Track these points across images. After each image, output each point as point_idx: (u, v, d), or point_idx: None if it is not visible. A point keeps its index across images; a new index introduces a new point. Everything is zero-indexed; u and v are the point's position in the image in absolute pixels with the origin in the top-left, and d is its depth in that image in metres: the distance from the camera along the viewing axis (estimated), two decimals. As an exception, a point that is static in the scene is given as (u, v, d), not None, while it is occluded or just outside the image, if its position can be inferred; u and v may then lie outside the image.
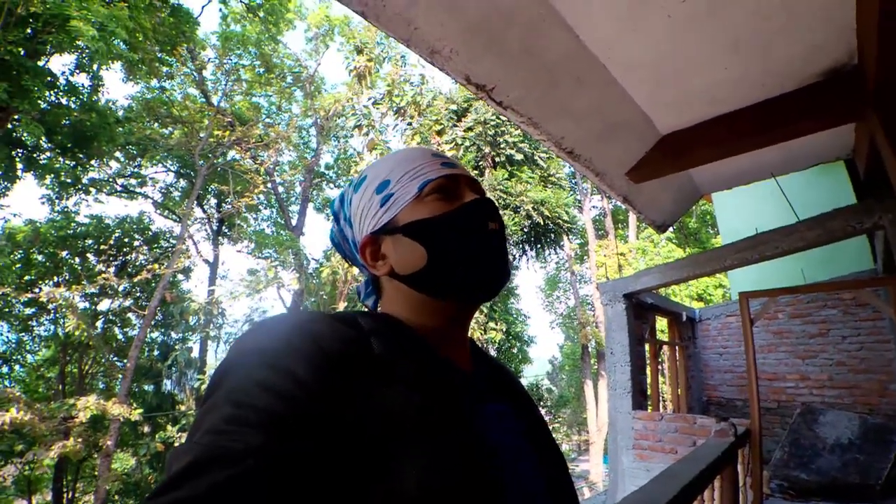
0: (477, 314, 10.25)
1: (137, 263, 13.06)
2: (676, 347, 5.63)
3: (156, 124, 13.56)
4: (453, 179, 0.59)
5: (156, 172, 15.72)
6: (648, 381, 4.55)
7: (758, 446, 2.85)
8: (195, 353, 15.58)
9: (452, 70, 1.59)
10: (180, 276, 14.35)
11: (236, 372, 0.42)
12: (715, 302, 12.21)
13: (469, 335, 0.64)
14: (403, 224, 0.57)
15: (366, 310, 0.63)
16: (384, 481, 0.41)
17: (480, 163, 12.43)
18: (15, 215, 11.78)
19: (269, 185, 15.10)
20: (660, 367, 7.64)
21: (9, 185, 11.18)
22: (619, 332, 4.06)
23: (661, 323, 7.06)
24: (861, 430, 4.02)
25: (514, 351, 13.77)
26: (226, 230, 16.76)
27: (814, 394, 5.02)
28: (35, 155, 11.16)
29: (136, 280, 11.16)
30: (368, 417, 0.43)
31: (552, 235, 12.92)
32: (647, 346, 4.65)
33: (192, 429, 0.39)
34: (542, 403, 20.12)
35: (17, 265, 10.73)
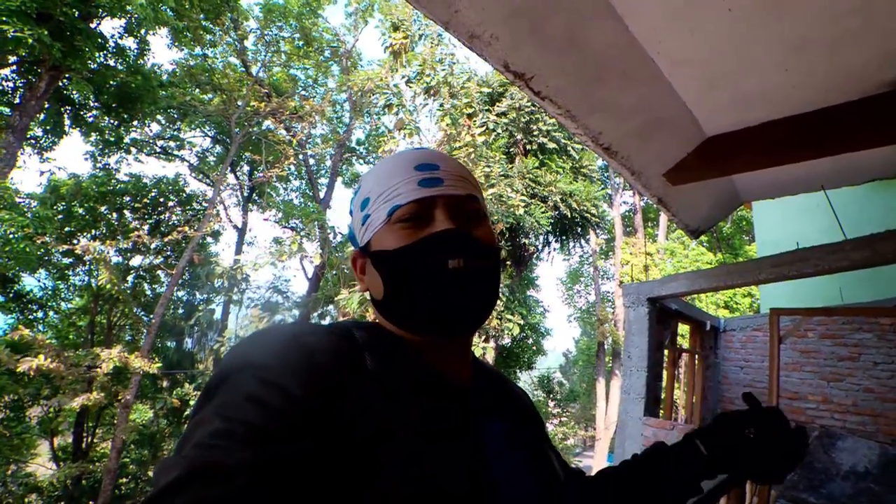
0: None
1: (170, 223, 13.49)
2: (696, 356, 5.48)
3: (196, 90, 13.84)
4: (426, 203, 0.54)
5: (193, 137, 16.13)
6: (663, 387, 4.45)
7: (773, 467, 2.76)
8: (217, 315, 16.17)
9: (491, 56, 1.53)
10: (209, 239, 14.79)
11: (227, 385, 0.41)
12: (742, 311, 11.82)
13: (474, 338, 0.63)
14: (373, 251, 0.56)
15: (369, 307, 0.62)
16: (376, 494, 0.41)
17: (511, 149, 12.22)
18: (60, 168, 12.30)
19: (300, 156, 15.26)
20: (677, 373, 7.49)
21: (56, 139, 11.66)
22: (638, 336, 3.97)
23: (683, 329, 6.88)
24: (880, 461, 3.85)
25: (529, 342, 13.74)
26: (256, 198, 17.12)
27: (835, 418, 4.83)
28: (82, 112, 11.59)
29: (167, 239, 11.54)
30: (361, 431, 0.43)
31: (578, 228, 12.68)
32: (665, 352, 4.54)
33: (181, 440, 0.39)
34: (552, 396, 20.13)
35: (59, 216, 11.22)
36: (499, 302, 10.32)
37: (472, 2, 1.36)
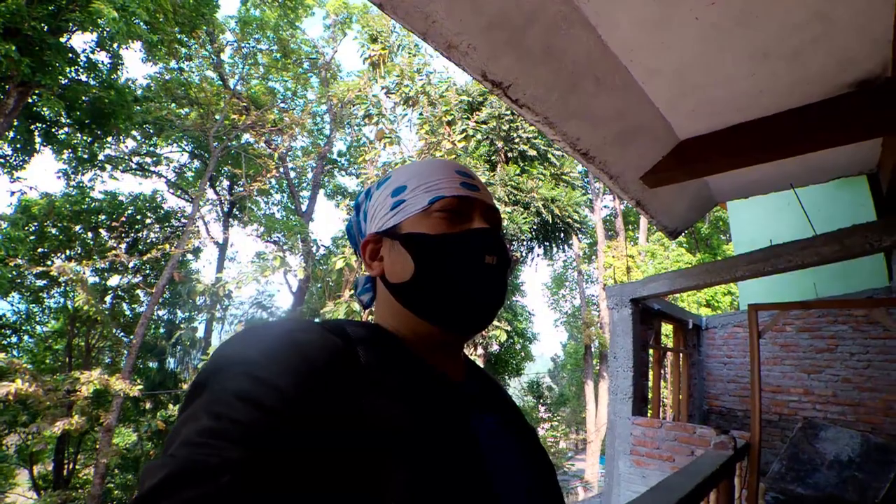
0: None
1: (148, 241, 13.21)
2: (680, 354, 5.58)
3: (173, 105, 13.63)
4: (467, 202, 0.58)
5: (170, 152, 15.85)
6: (650, 385, 4.52)
7: (757, 459, 2.82)
8: (200, 333, 15.79)
9: (469, 66, 1.56)
10: (189, 256, 14.50)
11: (217, 381, 0.40)
12: (723, 309, 12.08)
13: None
14: (404, 233, 0.57)
15: (356, 318, 0.63)
16: (370, 492, 0.40)
17: (493, 157, 12.34)
18: (31, 188, 11.95)
19: (281, 169, 15.15)
20: (662, 372, 7.60)
21: (27, 158, 11.31)
22: (623, 336, 4.03)
23: (667, 328, 7.00)
24: (862, 448, 3.97)
25: (517, 347, 13.77)
26: (237, 213, 16.87)
27: (817, 409, 4.96)
28: (53, 130, 11.29)
29: (145, 257, 11.29)
30: (353, 428, 0.42)
31: (561, 234, 12.83)
32: (650, 352, 4.61)
33: (169, 438, 0.38)
34: (541, 401, 20.16)
35: (32, 237, 10.90)
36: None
37: (450, 13, 1.39)
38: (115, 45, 10.25)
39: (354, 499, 0.40)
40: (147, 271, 13.25)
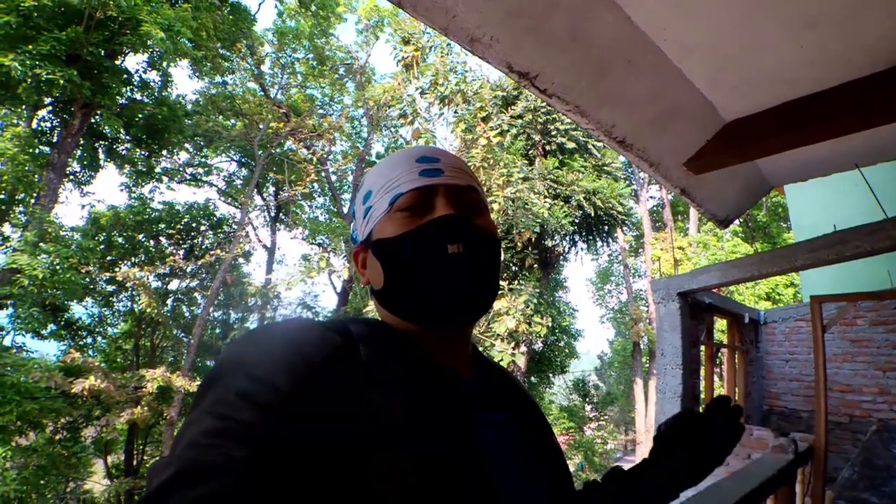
0: (522, 306, 10.08)
1: (203, 247, 14.00)
2: (736, 351, 5.26)
3: (220, 117, 14.39)
4: (427, 191, 0.55)
5: (220, 162, 16.73)
6: (703, 385, 4.28)
7: (822, 464, 2.60)
8: (252, 333, 16.53)
9: (493, 58, 1.52)
10: (241, 260, 15.25)
11: (220, 383, 0.41)
12: (785, 302, 11.29)
13: (473, 337, 0.62)
14: (374, 240, 0.56)
15: (360, 316, 0.62)
16: (370, 488, 0.40)
17: (531, 151, 12.13)
18: (99, 201, 13.02)
19: (322, 173, 15.59)
20: (717, 369, 7.20)
21: (93, 173, 12.33)
22: (671, 332, 3.84)
23: (721, 323, 6.62)
24: (949, 454, 3.58)
25: (561, 345, 13.50)
26: (282, 217, 17.56)
27: (894, 410, 4.53)
28: (115, 146, 12.24)
29: (201, 262, 11.97)
30: (354, 425, 0.42)
31: (605, 227, 12.44)
32: (702, 348, 4.37)
33: (175, 440, 0.39)
34: (588, 400, 19.67)
35: (101, 246, 11.81)
36: (528, 306, 10.18)
37: (470, 6, 1.36)
38: (164, 64, 10.94)
39: (354, 494, 0.40)
40: (203, 275, 14.05)
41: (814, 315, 2.93)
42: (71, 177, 12.00)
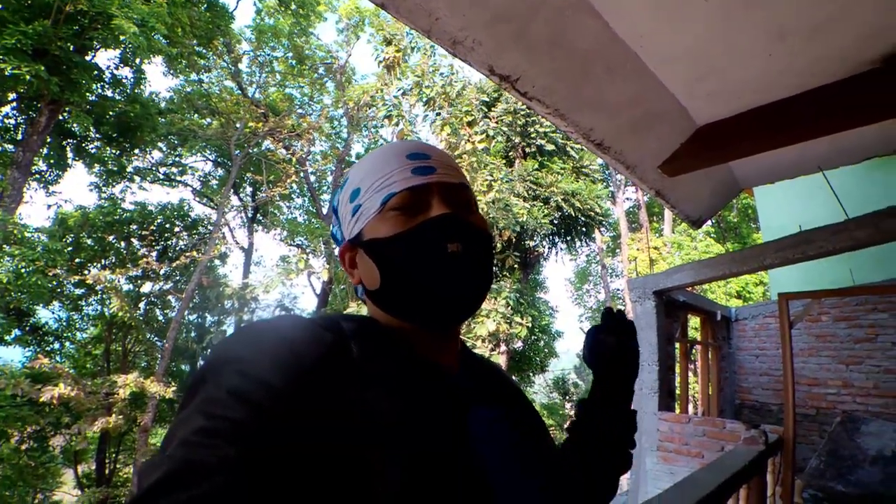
0: (502, 307, 10.18)
1: (177, 248, 13.62)
2: (709, 347, 5.42)
3: (195, 115, 14.03)
4: (421, 190, 0.54)
5: (195, 161, 16.31)
6: (678, 381, 4.41)
7: (791, 455, 2.72)
8: (229, 336, 16.17)
9: (475, 61, 1.55)
10: (217, 262, 14.89)
11: (210, 381, 0.41)
12: (755, 300, 11.68)
13: (461, 336, 0.63)
14: (366, 240, 0.55)
15: (351, 312, 0.62)
16: (363, 487, 0.40)
17: (510, 153, 12.24)
18: (66, 201, 12.49)
19: (301, 174, 15.39)
20: (692, 366, 7.39)
21: (60, 172, 11.86)
22: (647, 330, 3.94)
23: (694, 321, 6.82)
24: (909, 443, 3.77)
25: (541, 344, 13.64)
26: (260, 218, 17.24)
27: (857, 402, 4.75)
28: (84, 144, 11.80)
29: (175, 264, 11.64)
30: (346, 423, 0.42)
31: (583, 227, 12.64)
32: (677, 345, 4.50)
33: (165, 440, 0.38)
34: (567, 398, 19.93)
35: (69, 248, 11.37)
36: (507, 306, 10.28)
37: (453, 9, 1.37)
38: (137, 61, 10.62)
39: (348, 492, 0.40)
40: (177, 278, 13.68)
41: (781, 312, 3.06)
42: (37, 176, 11.51)
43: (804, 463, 4.06)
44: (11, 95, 9.15)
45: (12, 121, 10.04)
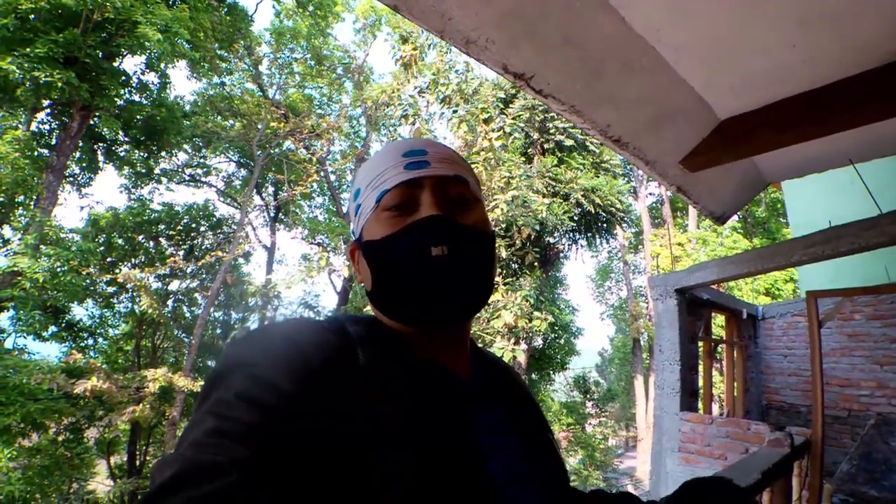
0: (522, 303, 10.10)
1: (203, 247, 14.00)
2: (734, 346, 5.28)
3: (218, 118, 14.36)
4: (413, 186, 0.54)
5: (219, 162, 16.72)
6: (701, 381, 4.31)
7: (819, 458, 2.63)
8: (253, 333, 16.52)
9: (489, 60, 1.54)
10: (241, 260, 15.25)
11: (221, 384, 0.42)
12: (784, 298, 11.31)
13: (471, 335, 0.63)
14: (363, 241, 0.56)
15: (358, 314, 0.63)
16: (369, 487, 0.41)
17: (529, 150, 12.13)
18: (98, 203, 12.98)
19: (321, 173, 15.59)
20: (716, 365, 7.21)
21: (92, 175, 12.33)
22: (668, 328, 3.86)
23: (720, 319, 6.64)
24: (948, 447, 3.60)
25: (561, 342, 13.51)
26: (282, 217, 17.56)
27: (892, 404, 4.55)
28: (114, 148, 12.23)
29: (201, 263, 11.98)
30: (353, 426, 0.43)
31: (604, 224, 12.44)
32: (700, 344, 4.39)
33: (179, 440, 0.40)
34: (588, 396, 19.71)
35: (101, 248, 11.81)
36: (527, 303, 10.20)
37: (465, 9, 1.37)
38: (162, 66, 10.92)
39: (353, 493, 0.41)
40: (203, 276, 14.05)
41: (810, 310, 2.95)
42: (70, 179, 12.00)
43: (834, 467, 3.92)
44: (46, 102, 9.53)
45: (47, 126, 10.46)
